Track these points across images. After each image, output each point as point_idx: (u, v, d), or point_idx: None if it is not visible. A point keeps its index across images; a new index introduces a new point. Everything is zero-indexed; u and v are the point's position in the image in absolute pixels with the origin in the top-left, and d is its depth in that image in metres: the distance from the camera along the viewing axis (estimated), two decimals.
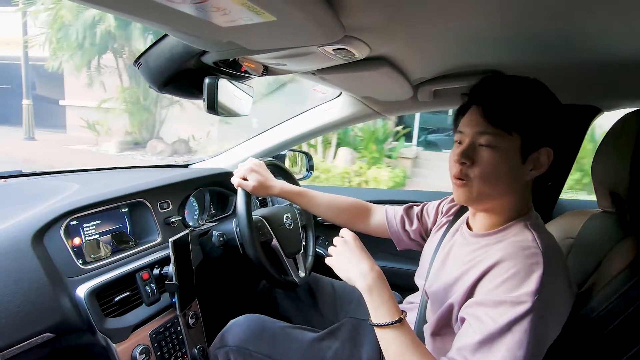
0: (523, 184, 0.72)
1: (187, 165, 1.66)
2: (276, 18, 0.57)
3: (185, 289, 1.01)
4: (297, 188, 1.15)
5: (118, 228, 1.08)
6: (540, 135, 0.68)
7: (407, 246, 1.09)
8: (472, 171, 0.70)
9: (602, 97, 1.25)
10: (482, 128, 0.69)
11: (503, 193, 0.72)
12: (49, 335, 0.80)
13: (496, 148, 0.68)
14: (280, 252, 1.20)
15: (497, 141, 0.68)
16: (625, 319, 0.68)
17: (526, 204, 0.75)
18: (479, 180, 0.70)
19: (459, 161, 0.71)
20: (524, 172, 0.70)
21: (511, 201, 0.73)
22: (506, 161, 0.68)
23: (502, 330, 0.61)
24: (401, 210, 1.09)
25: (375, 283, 0.72)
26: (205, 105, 0.97)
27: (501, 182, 0.70)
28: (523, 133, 0.68)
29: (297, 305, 1.32)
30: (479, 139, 0.70)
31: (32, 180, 1.20)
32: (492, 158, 0.68)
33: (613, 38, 0.76)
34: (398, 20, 0.69)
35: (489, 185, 0.70)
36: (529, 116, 0.68)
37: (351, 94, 1.41)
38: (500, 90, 0.70)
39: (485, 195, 0.72)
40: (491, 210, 0.75)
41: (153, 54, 0.93)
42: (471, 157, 0.70)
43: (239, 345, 0.98)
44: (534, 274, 0.62)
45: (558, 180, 1.43)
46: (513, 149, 0.68)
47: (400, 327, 0.68)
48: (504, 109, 0.68)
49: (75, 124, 10.11)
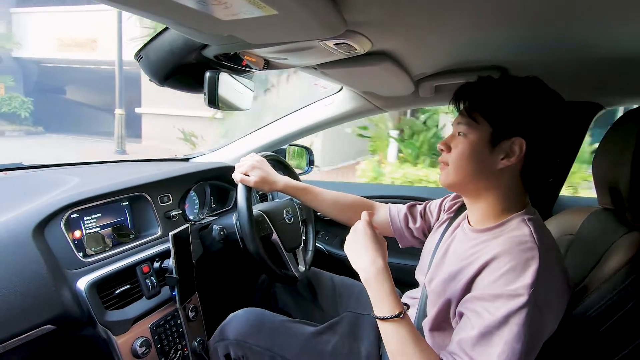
0: (502, 173, 0.73)
1: (187, 159, 1.67)
2: (277, 12, 0.56)
3: (186, 283, 1.02)
4: (301, 184, 1.15)
5: (119, 221, 1.08)
6: (509, 125, 0.71)
7: (409, 244, 1.10)
8: (449, 157, 0.78)
9: (604, 94, 1.25)
10: (459, 119, 0.77)
11: (478, 179, 0.76)
12: (50, 328, 0.80)
13: (466, 136, 0.75)
14: (280, 247, 1.20)
15: (469, 130, 0.75)
16: (623, 315, 0.69)
17: (520, 199, 0.75)
18: (452, 165, 0.77)
19: (439, 147, 0.81)
20: (494, 160, 0.73)
21: (496, 191, 0.75)
22: (474, 148, 0.74)
23: (500, 323, 0.61)
24: (404, 208, 1.10)
25: (374, 277, 0.72)
26: (206, 99, 0.97)
27: (472, 167, 0.75)
28: (491, 121, 0.72)
29: (296, 300, 1.32)
30: (458, 128, 0.77)
31: (33, 173, 1.20)
32: (462, 145, 0.75)
33: (615, 35, 0.76)
34: (400, 15, 0.69)
35: (460, 169, 0.76)
36: (498, 106, 0.72)
37: (352, 89, 1.41)
38: (478, 85, 0.76)
39: (461, 180, 0.77)
40: (479, 201, 0.78)
41: (154, 48, 0.93)
42: (447, 144, 0.79)
43: (239, 338, 0.99)
44: (530, 267, 0.63)
45: (558, 177, 1.43)
46: (482, 138, 0.73)
47: (400, 322, 0.69)
48: (474, 99, 0.75)
49: (153, 133, 9.46)
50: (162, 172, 1.23)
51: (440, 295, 0.76)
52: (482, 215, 0.78)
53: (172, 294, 1.02)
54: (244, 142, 1.66)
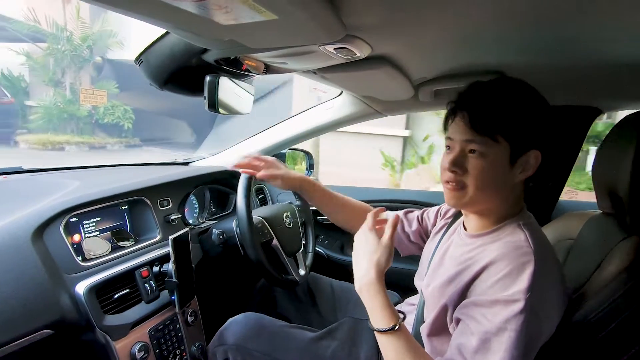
0: (515, 186, 0.73)
1: (187, 163, 1.67)
2: (277, 17, 0.57)
3: (185, 287, 1.01)
4: (317, 183, 1.11)
5: (118, 225, 1.08)
6: (527, 140, 0.69)
7: (409, 250, 1.09)
8: (466, 179, 0.71)
9: (603, 99, 1.25)
10: (469, 136, 0.70)
11: (495, 196, 0.73)
12: (48, 332, 0.80)
13: (485, 155, 0.69)
14: (280, 252, 1.20)
15: (485, 149, 0.69)
16: (622, 321, 0.68)
17: (518, 204, 0.75)
18: (472, 187, 0.71)
19: (450, 169, 0.73)
20: (513, 175, 0.71)
21: (502, 203, 0.74)
22: (496, 168, 0.70)
23: (499, 330, 0.61)
24: (400, 214, 1.09)
25: (366, 289, 0.72)
26: (206, 103, 0.97)
27: (492, 187, 0.71)
28: (510, 139, 0.68)
29: (295, 305, 1.32)
30: (468, 146, 0.71)
31: (32, 177, 1.19)
32: (482, 166, 0.70)
33: (614, 39, 0.76)
34: (399, 19, 0.69)
35: (482, 191, 0.71)
36: (514, 122, 0.68)
37: (352, 93, 1.41)
38: (485, 97, 0.71)
39: (478, 200, 0.73)
40: (483, 212, 0.76)
41: (154, 52, 0.93)
42: (462, 165, 0.71)
43: (238, 343, 0.98)
44: (525, 272, 0.63)
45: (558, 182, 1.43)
46: (501, 155, 0.69)
47: (395, 333, 0.68)
48: (489, 117, 0.69)
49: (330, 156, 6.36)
50: (162, 176, 1.23)
51: (438, 301, 0.75)
52: (479, 221, 0.77)
53: (171, 298, 1.01)
54: (244, 146, 1.67)
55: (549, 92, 0.72)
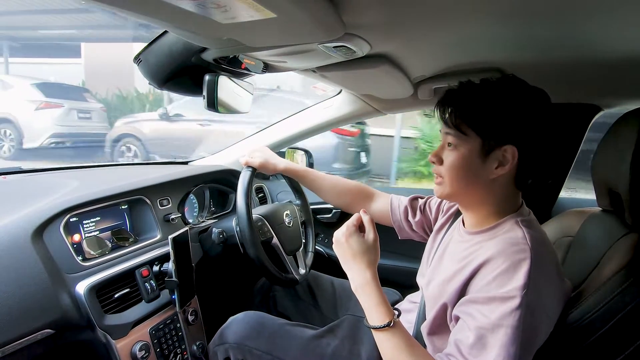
0: (496, 181, 0.72)
1: (186, 163, 1.66)
2: (276, 15, 0.57)
3: (185, 286, 1.01)
4: (302, 167, 1.19)
5: (118, 225, 1.08)
6: (499, 134, 0.69)
7: (408, 236, 1.10)
8: (442, 170, 0.75)
9: (602, 96, 1.25)
10: (446, 129, 0.74)
11: (474, 190, 0.74)
12: (49, 332, 0.80)
13: (457, 147, 0.72)
14: (280, 250, 1.20)
15: (458, 141, 0.72)
16: (620, 319, 0.68)
17: (513, 201, 0.75)
18: (447, 179, 0.75)
19: (430, 159, 0.77)
20: (488, 169, 0.71)
21: (487, 197, 0.74)
22: (467, 160, 0.72)
23: (495, 326, 0.61)
24: (406, 201, 1.10)
25: (362, 288, 0.76)
26: (205, 102, 0.97)
27: (466, 179, 0.73)
28: (480, 133, 0.70)
29: (296, 303, 1.32)
30: (446, 138, 0.74)
31: (31, 177, 1.19)
32: (454, 157, 0.73)
33: (613, 36, 0.76)
34: (398, 18, 0.69)
35: (457, 182, 0.74)
36: (484, 116, 0.69)
37: (351, 92, 1.41)
38: (460, 92, 0.73)
39: (456, 191, 0.75)
40: (473, 207, 0.77)
41: (153, 51, 0.93)
42: (439, 156, 0.76)
43: (238, 342, 0.98)
44: (521, 269, 0.63)
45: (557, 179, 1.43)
46: (472, 149, 0.71)
47: (391, 330, 0.69)
48: (458, 111, 0.71)
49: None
50: (162, 175, 1.23)
51: (438, 298, 0.75)
52: (477, 218, 0.77)
53: (171, 298, 1.01)
54: (243, 145, 1.66)
55: (548, 90, 0.72)
